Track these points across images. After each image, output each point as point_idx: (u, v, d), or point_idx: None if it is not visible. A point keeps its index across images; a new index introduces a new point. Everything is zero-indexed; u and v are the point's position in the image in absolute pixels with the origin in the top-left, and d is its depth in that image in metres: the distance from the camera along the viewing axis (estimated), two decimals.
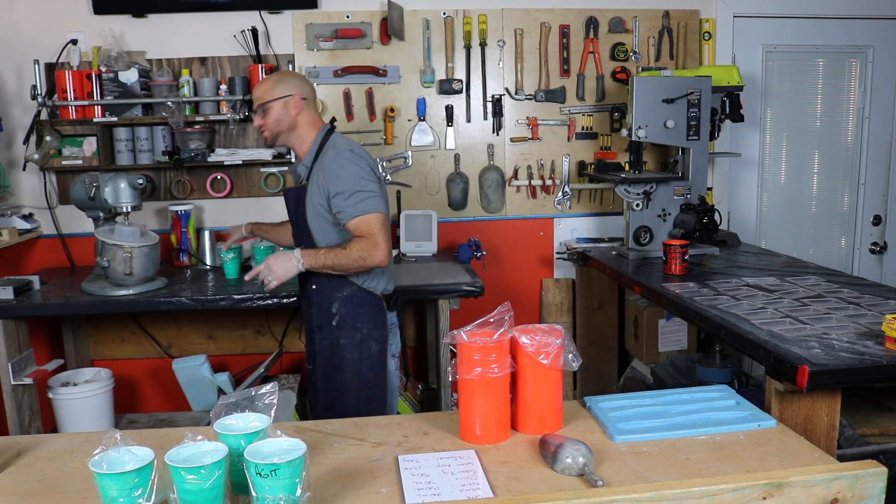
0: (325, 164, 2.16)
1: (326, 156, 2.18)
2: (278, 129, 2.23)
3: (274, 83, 2.22)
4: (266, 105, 2.20)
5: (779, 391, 1.67)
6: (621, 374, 3.44)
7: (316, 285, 2.23)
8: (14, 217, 3.12)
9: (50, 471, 1.36)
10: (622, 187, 2.95)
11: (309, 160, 2.23)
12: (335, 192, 2.12)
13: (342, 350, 2.22)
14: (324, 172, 2.15)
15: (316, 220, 2.18)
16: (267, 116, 2.21)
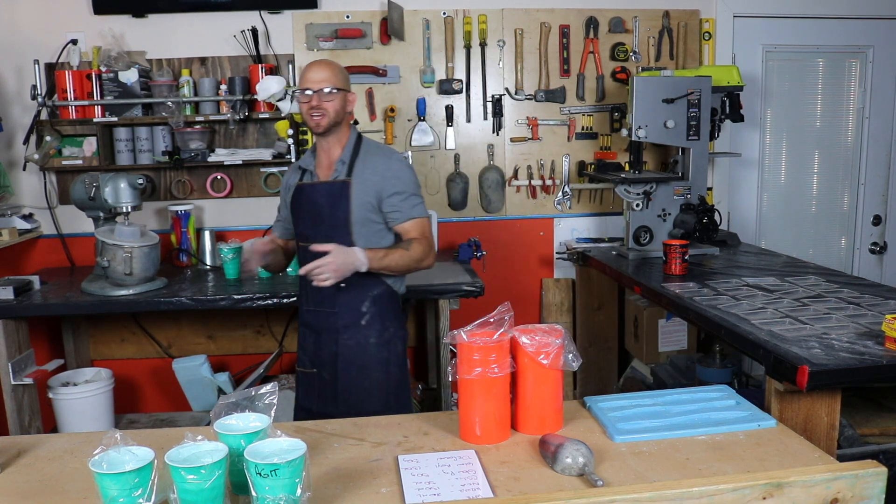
0: (378, 164, 2.15)
1: (376, 157, 2.17)
2: (337, 118, 2.15)
3: (343, 75, 2.17)
4: (337, 90, 2.13)
5: (779, 391, 1.67)
6: (621, 374, 3.44)
7: (345, 283, 2.12)
8: (14, 217, 3.12)
9: (50, 471, 1.36)
10: (622, 187, 2.95)
11: (347, 156, 2.17)
12: (393, 192, 2.12)
13: (371, 349, 2.18)
14: (377, 171, 2.13)
15: (361, 218, 2.13)
16: (333, 101, 2.13)
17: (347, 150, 2.18)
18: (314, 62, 2.19)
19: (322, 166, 2.23)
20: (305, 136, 3.25)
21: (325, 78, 2.12)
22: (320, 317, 2.23)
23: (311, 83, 2.12)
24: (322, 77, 2.12)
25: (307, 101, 2.12)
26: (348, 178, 2.14)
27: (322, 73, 2.13)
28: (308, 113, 2.14)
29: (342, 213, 2.13)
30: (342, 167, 2.17)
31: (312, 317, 2.26)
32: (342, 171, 2.17)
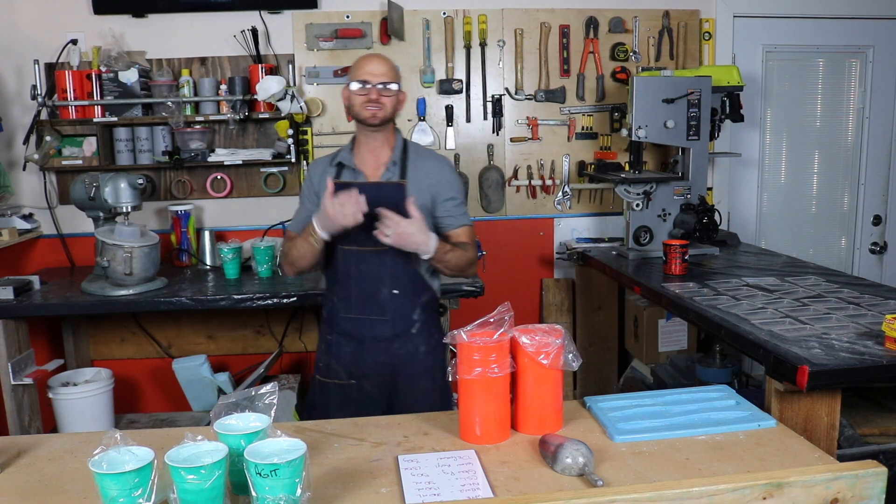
0: (432, 168, 2.12)
1: (429, 160, 2.15)
2: (392, 115, 2.11)
3: (398, 73, 2.14)
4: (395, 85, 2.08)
5: (779, 391, 1.67)
6: (621, 374, 3.44)
7: (398, 290, 2.08)
8: (14, 217, 3.12)
9: (50, 471, 1.36)
10: (622, 187, 2.95)
11: (397, 157, 2.12)
12: (448, 197, 2.11)
13: (421, 358, 2.11)
14: (431, 173, 2.11)
15: None
16: (391, 97, 2.08)
17: (397, 151, 2.13)
18: (371, 55, 2.14)
19: (367, 165, 2.14)
20: (305, 137, 3.26)
21: (384, 72, 2.07)
22: (365, 325, 2.10)
23: (370, 75, 2.06)
24: (382, 71, 2.07)
25: (364, 93, 2.05)
26: (403, 181, 2.08)
27: (382, 66, 2.08)
28: (363, 105, 2.06)
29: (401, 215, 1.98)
30: (394, 168, 2.11)
31: (354, 325, 2.12)
32: (395, 172, 2.11)
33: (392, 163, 2.11)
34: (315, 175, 2.21)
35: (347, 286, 2.10)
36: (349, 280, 2.11)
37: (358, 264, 2.08)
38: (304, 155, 3.25)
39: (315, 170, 2.23)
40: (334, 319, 2.17)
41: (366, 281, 2.08)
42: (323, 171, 2.17)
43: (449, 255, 2.02)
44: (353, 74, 2.11)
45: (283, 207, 3.35)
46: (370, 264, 2.08)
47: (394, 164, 2.11)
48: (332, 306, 2.18)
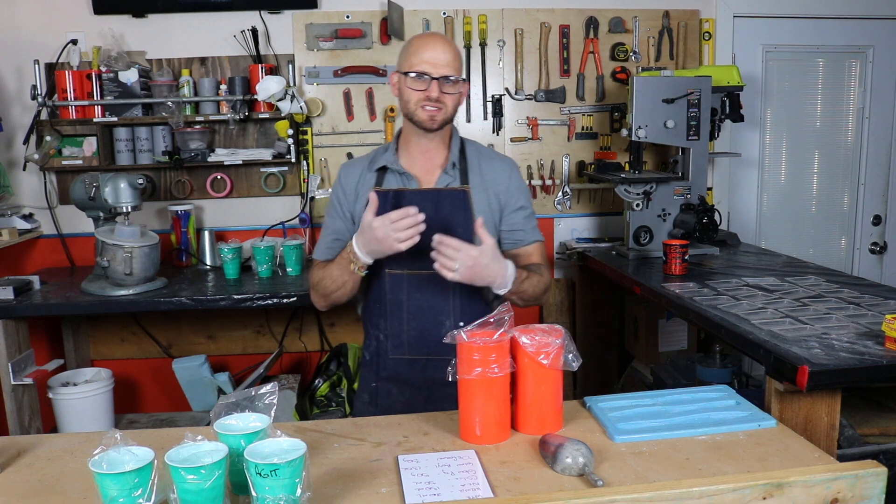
0: (499, 171, 1.79)
1: (495, 162, 1.81)
2: (453, 113, 1.75)
3: (462, 61, 1.73)
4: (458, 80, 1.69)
5: (779, 391, 1.67)
6: (621, 374, 3.44)
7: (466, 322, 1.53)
8: (14, 217, 3.12)
9: (50, 471, 1.36)
10: (622, 187, 2.95)
11: (456, 158, 1.77)
12: (518, 206, 1.77)
13: None
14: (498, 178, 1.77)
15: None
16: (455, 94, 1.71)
17: (454, 151, 1.78)
18: (431, 36, 1.72)
19: (418, 167, 1.78)
20: (305, 137, 3.26)
21: (448, 61, 1.68)
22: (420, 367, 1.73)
23: (431, 66, 1.67)
24: (446, 59, 1.67)
25: (423, 88, 1.67)
26: (467, 186, 1.74)
27: (446, 53, 1.68)
28: (420, 104, 1.69)
29: (461, 228, 1.67)
30: (454, 171, 1.76)
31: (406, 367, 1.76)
32: (455, 175, 1.76)
33: (451, 164, 1.76)
34: (349, 183, 1.81)
35: (398, 319, 1.74)
36: (400, 311, 1.74)
37: (410, 292, 1.72)
38: (304, 155, 3.25)
39: (348, 176, 1.82)
40: (381, 362, 1.79)
41: (422, 312, 1.72)
42: (360, 178, 1.80)
43: (525, 285, 1.66)
44: (407, 58, 1.71)
45: (283, 207, 3.36)
46: (427, 292, 1.72)
47: (453, 167, 1.76)
48: (378, 346, 1.80)
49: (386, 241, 1.55)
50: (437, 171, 1.79)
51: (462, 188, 1.74)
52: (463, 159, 1.79)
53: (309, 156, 3.29)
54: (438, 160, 1.79)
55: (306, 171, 3.29)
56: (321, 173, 3.33)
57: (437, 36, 1.74)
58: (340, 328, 3.41)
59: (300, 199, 3.34)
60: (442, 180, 1.77)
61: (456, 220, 1.70)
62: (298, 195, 3.34)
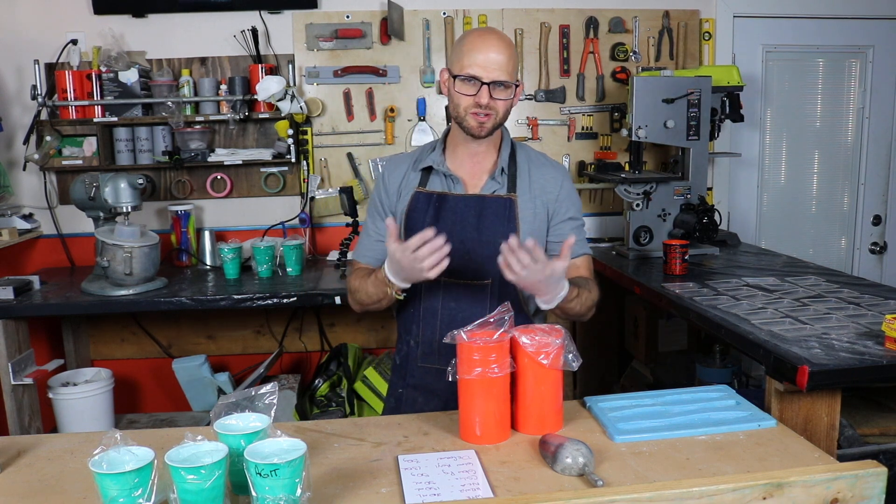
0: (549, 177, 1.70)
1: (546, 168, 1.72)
2: (505, 119, 1.64)
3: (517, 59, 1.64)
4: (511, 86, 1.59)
5: (779, 391, 1.67)
6: (621, 374, 3.44)
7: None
8: (14, 217, 3.12)
9: (50, 471, 1.36)
10: (622, 187, 2.95)
11: (505, 162, 1.69)
12: (568, 216, 1.69)
13: None
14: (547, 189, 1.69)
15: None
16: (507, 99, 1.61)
17: (504, 156, 1.69)
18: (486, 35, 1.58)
19: (465, 170, 1.70)
20: (305, 137, 3.26)
21: (502, 64, 1.56)
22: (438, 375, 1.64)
23: (482, 69, 1.56)
24: (499, 62, 1.56)
25: (472, 93, 1.57)
26: (513, 194, 1.67)
27: (501, 55, 1.56)
28: (469, 109, 1.60)
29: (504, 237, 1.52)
30: (502, 178, 1.68)
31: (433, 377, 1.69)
32: (503, 182, 1.68)
33: (499, 170, 1.68)
34: (392, 182, 1.72)
35: (431, 327, 1.67)
36: (434, 319, 1.68)
37: (446, 300, 1.66)
38: (304, 155, 3.25)
39: (392, 175, 1.74)
40: (409, 368, 1.74)
41: (455, 322, 1.62)
42: (404, 177, 1.72)
43: (574, 303, 1.58)
44: (459, 58, 1.60)
45: (283, 207, 3.36)
46: (463, 301, 1.67)
47: (501, 173, 1.68)
48: (408, 351, 1.74)
49: (412, 271, 1.47)
50: (484, 175, 1.70)
51: (508, 196, 1.66)
52: (513, 164, 1.70)
53: (309, 156, 3.29)
54: (487, 164, 1.71)
55: (306, 171, 3.29)
56: (321, 173, 3.34)
57: (492, 34, 1.60)
58: (340, 328, 3.41)
59: (300, 199, 3.34)
60: (488, 186, 1.69)
61: (499, 228, 1.63)
62: (298, 195, 3.34)
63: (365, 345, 3.41)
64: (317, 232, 3.40)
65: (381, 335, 3.43)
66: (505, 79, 1.57)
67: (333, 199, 3.33)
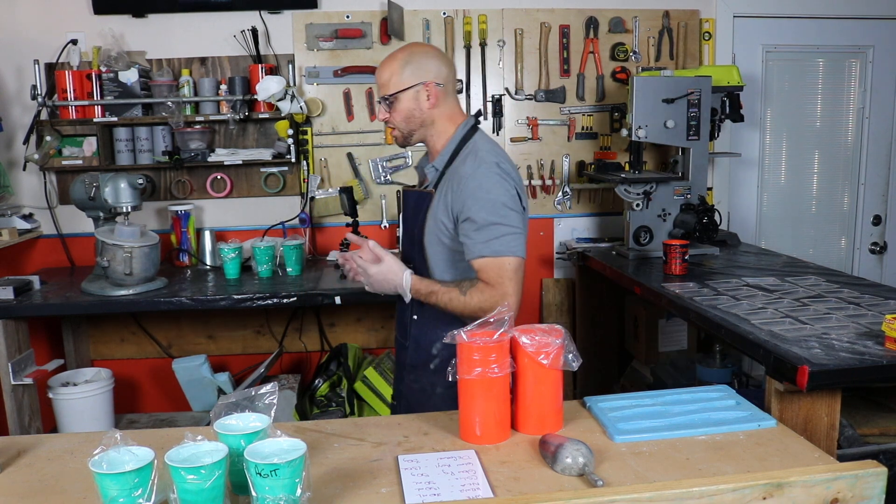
0: (461, 176, 1.73)
1: (465, 164, 1.75)
2: (410, 126, 1.80)
3: (401, 66, 1.75)
4: (392, 97, 1.77)
5: (779, 391, 1.67)
6: (621, 374, 3.44)
7: (418, 316, 1.85)
8: (14, 217, 3.12)
9: (50, 471, 1.36)
10: (622, 187, 2.95)
11: (442, 162, 1.81)
12: (465, 217, 1.70)
13: (435, 400, 1.81)
14: (457, 186, 1.73)
15: (434, 242, 1.79)
16: (394, 111, 1.78)
17: (444, 155, 1.82)
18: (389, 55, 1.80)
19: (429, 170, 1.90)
20: (305, 137, 3.26)
21: (380, 84, 1.78)
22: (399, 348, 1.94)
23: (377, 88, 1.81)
24: (379, 83, 1.79)
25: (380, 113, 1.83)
26: (432, 190, 1.81)
27: (379, 77, 1.79)
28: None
29: (418, 230, 1.82)
30: (433, 175, 1.83)
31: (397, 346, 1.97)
32: (433, 179, 1.83)
33: (432, 168, 1.86)
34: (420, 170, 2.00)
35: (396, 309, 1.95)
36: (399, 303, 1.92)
37: None
38: (304, 155, 3.25)
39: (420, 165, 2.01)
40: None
41: (400, 301, 1.88)
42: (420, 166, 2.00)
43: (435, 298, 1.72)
44: None
45: (283, 207, 3.36)
46: None
47: (434, 171, 1.84)
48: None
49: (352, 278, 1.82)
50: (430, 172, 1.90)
51: (428, 191, 1.82)
52: (450, 162, 1.81)
53: (309, 156, 3.29)
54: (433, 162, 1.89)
55: (306, 171, 3.29)
56: (321, 173, 3.34)
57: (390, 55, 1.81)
58: (340, 328, 3.41)
59: (300, 199, 3.34)
60: (429, 182, 1.86)
61: (416, 219, 1.82)
62: (298, 195, 3.34)
63: (365, 345, 3.41)
64: (317, 232, 3.40)
65: (381, 335, 3.43)
66: (383, 94, 1.79)
67: (333, 199, 3.33)
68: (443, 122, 1.82)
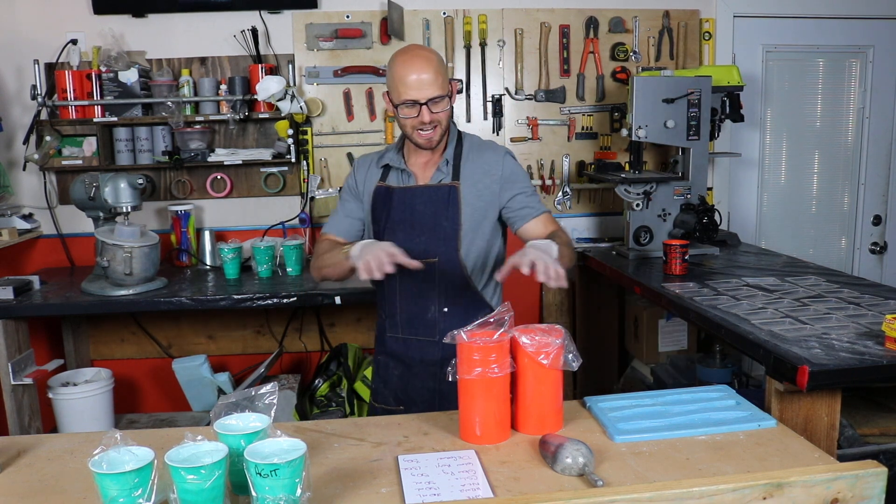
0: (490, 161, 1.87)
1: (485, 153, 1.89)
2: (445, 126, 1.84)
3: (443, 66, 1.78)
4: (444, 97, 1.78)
5: (779, 391, 1.67)
6: (621, 374, 3.44)
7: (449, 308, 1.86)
8: (14, 217, 3.12)
9: (50, 471, 1.36)
10: (622, 187, 2.95)
11: (450, 154, 1.88)
12: (517, 192, 1.86)
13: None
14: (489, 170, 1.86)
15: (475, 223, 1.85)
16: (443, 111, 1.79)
17: (450, 148, 1.89)
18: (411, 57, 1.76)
19: (418, 166, 1.91)
20: (305, 137, 3.26)
21: (432, 80, 1.74)
22: (413, 346, 1.89)
23: (417, 91, 1.75)
24: (429, 80, 1.74)
25: (415, 115, 1.77)
26: (456, 182, 1.85)
27: (428, 73, 1.74)
28: (415, 130, 1.80)
29: (449, 222, 1.83)
30: (447, 168, 1.87)
31: (401, 346, 1.92)
32: (447, 172, 1.87)
33: (444, 161, 1.88)
34: (360, 174, 1.97)
35: (393, 303, 1.90)
36: (394, 296, 1.90)
37: (402, 279, 1.83)
38: (304, 155, 3.25)
39: (360, 169, 1.98)
40: (383, 339, 1.98)
41: (412, 297, 1.88)
42: (368, 171, 1.96)
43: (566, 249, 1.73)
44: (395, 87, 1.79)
45: (283, 207, 3.36)
46: (416, 279, 1.82)
47: (446, 164, 1.87)
48: (381, 324, 1.99)
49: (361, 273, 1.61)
50: (433, 168, 1.91)
51: (452, 184, 1.86)
52: (458, 155, 1.89)
53: (309, 156, 3.29)
54: (436, 157, 1.92)
55: (306, 171, 3.29)
56: (321, 173, 3.34)
57: (415, 57, 1.77)
58: (340, 328, 3.41)
59: (300, 199, 3.34)
60: (435, 177, 1.89)
61: (444, 213, 1.84)
62: (298, 195, 3.34)
63: (365, 345, 3.40)
64: (317, 232, 3.40)
65: None
66: (438, 93, 1.76)
67: (333, 199, 3.33)
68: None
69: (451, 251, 1.85)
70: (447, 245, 1.85)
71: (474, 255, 1.88)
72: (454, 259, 1.85)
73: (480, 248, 1.89)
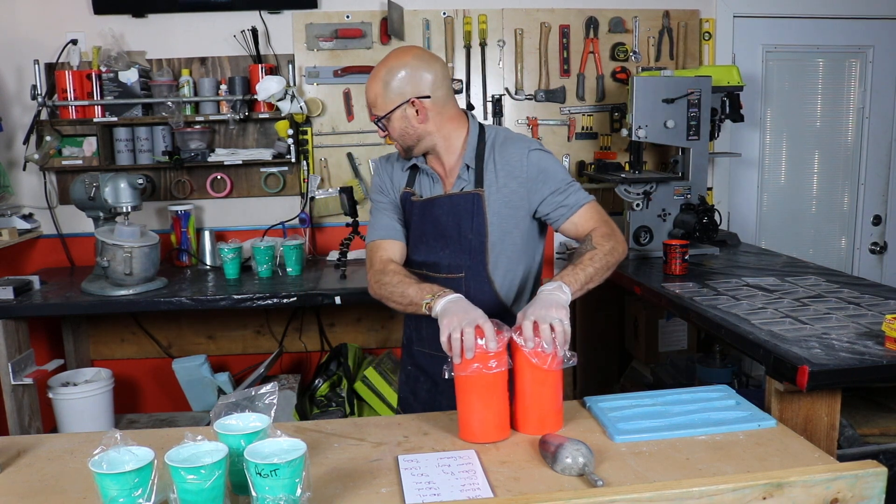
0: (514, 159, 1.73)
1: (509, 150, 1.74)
2: (407, 142, 1.75)
3: (383, 87, 1.69)
4: (381, 120, 1.73)
5: (779, 391, 1.67)
6: (621, 374, 3.44)
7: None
8: (14, 217, 3.12)
9: (50, 471, 1.36)
10: (622, 187, 2.95)
11: (471, 159, 1.75)
12: (550, 192, 1.71)
13: None
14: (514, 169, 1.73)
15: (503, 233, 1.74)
16: (390, 129, 1.74)
17: (469, 150, 1.75)
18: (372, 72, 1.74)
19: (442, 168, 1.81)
20: (305, 137, 3.26)
21: (372, 102, 1.73)
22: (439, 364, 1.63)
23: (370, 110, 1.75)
24: (371, 101, 1.73)
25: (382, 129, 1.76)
26: (480, 189, 1.73)
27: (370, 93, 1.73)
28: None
29: (475, 234, 1.73)
30: (467, 174, 1.75)
31: (428, 361, 1.84)
32: (469, 178, 1.75)
33: (464, 167, 1.76)
34: (386, 175, 1.88)
35: (419, 317, 1.72)
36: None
37: None
38: (304, 155, 3.25)
39: (386, 169, 1.89)
40: (411, 349, 1.91)
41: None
42: (393, 171, 1.87)
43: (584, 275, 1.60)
44: None
45: (283, 207, 3.36)
46: None
47: (466, 170, 1.76)
48: (409, 334, 1.90)
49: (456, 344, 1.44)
50: (454, 173, 1.78)
51: (476, 192, 1.73)
52: (480, 157, 1.75)
53: (309, 156, 3.29)
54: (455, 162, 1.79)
55: (306, 171, 3.29)
56: (321, 173, 3.34)
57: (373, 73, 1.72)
58: (340, 328, 3.41)
59: (300, 199, 3.34)
60: (458, 184, 1.77)
61: (469, 224, 1.74)
62: (298, 195, 3.34)
63: (365, 345, 3.41)
64: (317, 232, 3.40)
65: (380, 335, 3.43)
66: (378, 114, 1.72)
67: (333, 199, 3.33)
68: (448, 127, 1.76)
69: (477, 265, 1.74)
70: (473, 259, 1.74)
71: (503, 268, 1.76)
72: (482, 274, 1.74)
73: (510, 259, 1.76)
